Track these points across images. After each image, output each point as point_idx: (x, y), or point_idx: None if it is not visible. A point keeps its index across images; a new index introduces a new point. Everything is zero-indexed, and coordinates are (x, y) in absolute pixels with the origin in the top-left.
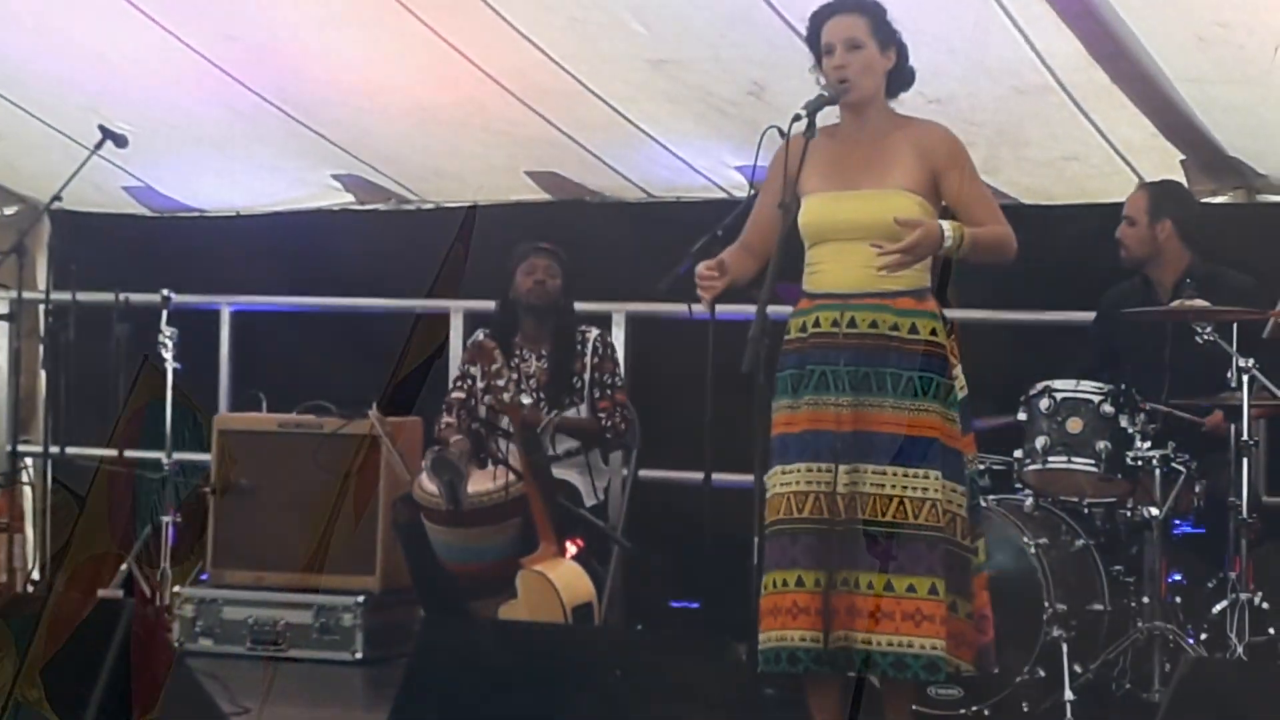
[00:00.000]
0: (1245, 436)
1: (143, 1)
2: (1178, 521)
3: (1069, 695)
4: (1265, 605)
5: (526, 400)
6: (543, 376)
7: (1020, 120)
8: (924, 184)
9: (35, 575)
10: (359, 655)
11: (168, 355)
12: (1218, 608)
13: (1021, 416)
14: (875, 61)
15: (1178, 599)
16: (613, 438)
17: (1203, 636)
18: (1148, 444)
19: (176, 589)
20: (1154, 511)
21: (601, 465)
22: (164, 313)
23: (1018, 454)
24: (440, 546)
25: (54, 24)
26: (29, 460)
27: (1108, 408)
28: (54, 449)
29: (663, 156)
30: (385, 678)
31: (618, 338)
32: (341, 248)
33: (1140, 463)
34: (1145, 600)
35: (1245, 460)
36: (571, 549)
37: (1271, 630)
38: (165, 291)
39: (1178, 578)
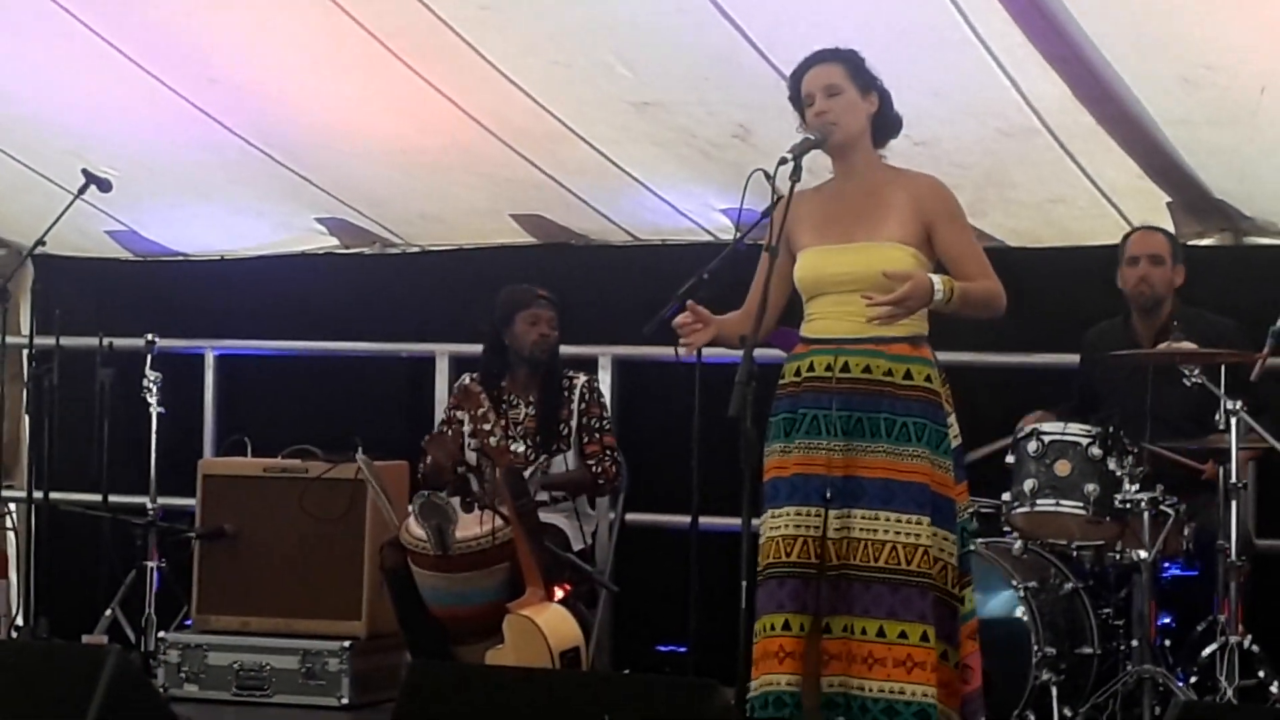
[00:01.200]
0: (1234, 479)
1: (126, 45)
2: (1167, 564)
3: None
4: (1255, 648)
5: (516, 447)
6: (530, 423)
7: (1006, 163)
8: (917, 236)
9: (19, 621)
10: (345, 700)
11: (152, 400)
12: (1207, 651)
13: (1010, 459)
14: (856, 104)
15: (1167, 642)
16: (604, 483)
17: (1192, 679)
18: (1136, 486)
19: (161, 634)
20: (1143, 554)
21: (589, 510)
22: (148, 357)
23: (1006, 497)
24: (427, 591)
25: (37, 68)
26: (12, 506)
27: (1096, 450)
28: (38, 494)
29: (648, 199)
30: None
31: (604, 381)
32: (326, 291)
33: (1129, 505)
34: (1134, 643)
35: (1234, 503)
36: (559, 593)
37: (1261, 674)
38: (149, 336)
39: (1167, 620)
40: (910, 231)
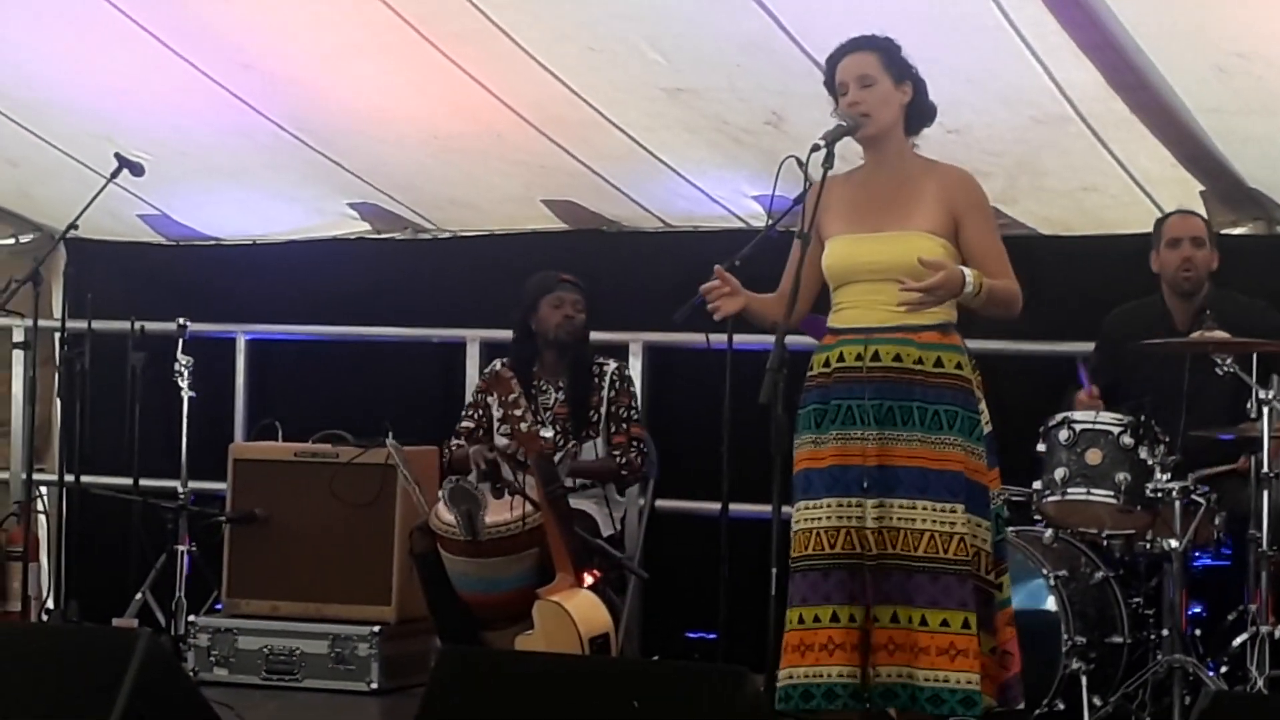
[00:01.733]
0: (1265, 468)
1: (160, 30)
2: (1198, 553)
3: None
4: None
5: (545, 433)
6: (561, 409)
7: (1039, 150)
8: (946, 227)
9: (50, 604)
10: (374, 685)
11: (183, 384)
12: (1238, 640)
13: (1040, 448)
14: (890, 95)
15: (1197, 631)
16: (629, 474)
17: (1223, 669)
18: (1167, 476)
19: (191, 618)
20: (1174, 544)
21: (618, 496)
22: (180, 341)
23: (1036, 485)
24: (457, 576)
25: (71, 52)
26: (44, 489)
27: (1127, 439)
28: (69, 478)
29: (680, 186)
30: (400, 708)
31: (635, 368)
32: (357, 276)
33: (1160, 494)
34: (1165, 633)
35: (1265, 492)
36: (589, 579)
37: None
38: (181, 320)
39: (1198, 610)
40: (940, 222)
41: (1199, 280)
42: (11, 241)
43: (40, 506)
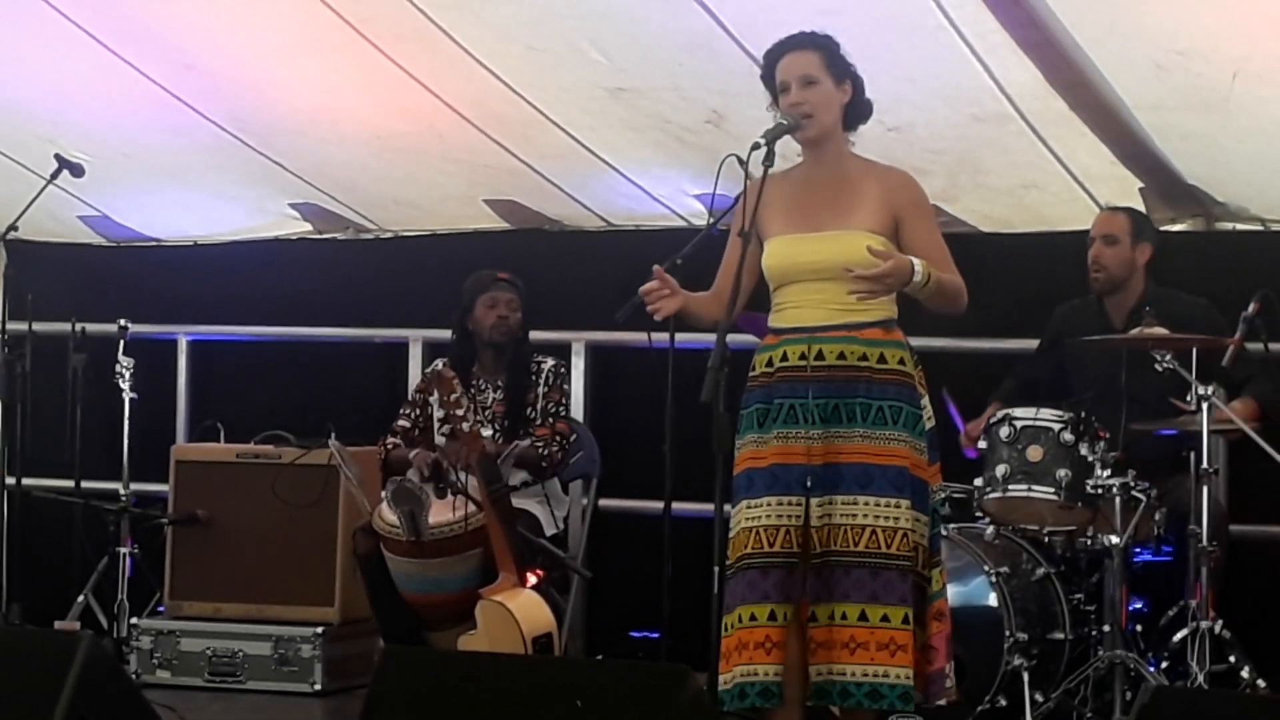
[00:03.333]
0: (1205, 464)
1: (100, 32)
2: (1138, 549)
3: None
4: (1226, 634)
5: (485, 432)
6: (498, 408)
7: (979, 148)
8: (887, 226)
9: None
10: (318, 686)
11: (125, 385)
12: (1179, 636)
13: (982, 445)
14: (831, 96)
15: (1139, 627)
16: (547, 466)
17: (1164, 665)
18: (1108, 472)
19: (134, 620)
20: (1114, 540)
21: (561, 495)
22: (121, 342)
23: (978, 482)
24: (400, 577)
25: (11, 54)
26: None
27: (1068, 435)
28: (10, 480)
29: (622, 185)
30: (344, 709)
31: (577, 367)
32: (299, 277)
33: (1100, 490)
34: (1106, 629)
35: (1205, 488)
36: (531, 579)
37: (1232, 659)
38: (122, 321)
39: (1139, 606)
40: (880, 221)
41: (1108, 280)
42: None
43: None
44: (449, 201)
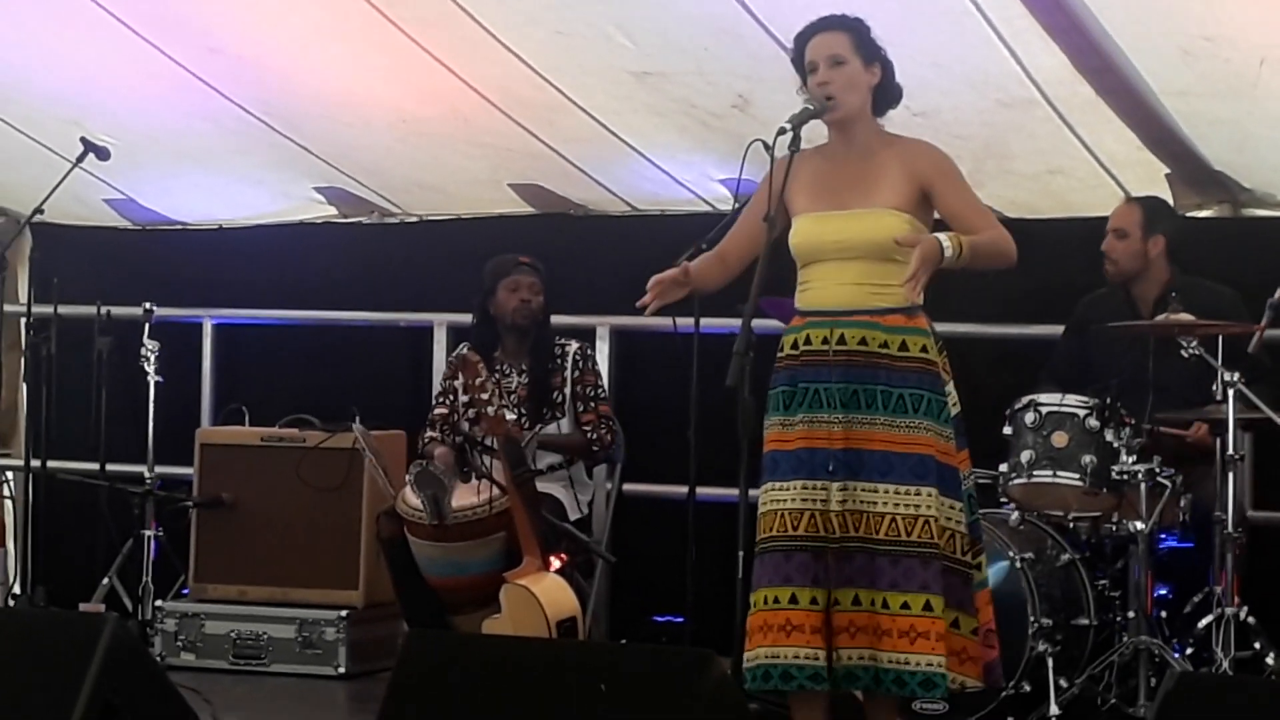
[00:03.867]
0: (1230, 451)
1: (126, 15)
2: (1163, 536)
3: (1054, 710)
4: (1251, 620)
5: (510, 416)
6: (523, 391)
7: (1005, 134)
8: (912, 202)
9: (16, 589)
10: (342, 670)
11: (150, 369)
12: (1203, 622)
13: (1007, 431)
14: (859, 77)
15: (1163, 613)
16: (599, 450)
17: (1188, 651)
18: (1133, 458)
19: (158, 603)
20: (1139, 526)
21: (585, 479)
22: (146, 326)
23: (1003, 468)
24: (424, 561)
25: (37, 38)
26: (10, 474)
27: (1093, 422)
28: (35, 463)
29: (647, 169)
30: (368, 692)
31: (602, 351)
32: (324, 261)
33: (1126, 476)
34: (1131, 615)
35: (1231, 474)
36: (555, 563)
37: (1257, 645)
38: (147, 304)
39: (1163, 592)
40: (904, 196)
41: (1118, 272)
42: None
43: (7, 492)
44: (474, 186)
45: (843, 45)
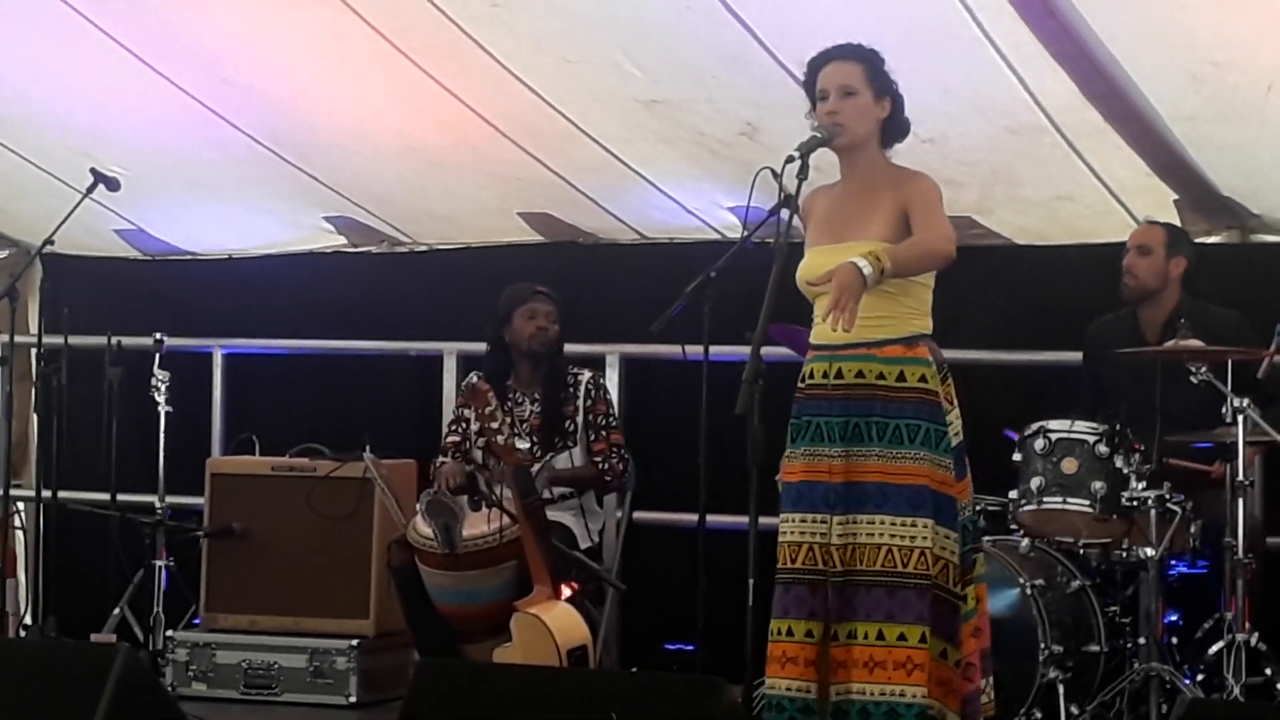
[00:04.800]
0: (1240, 477)
1: (136, 45)
2: (1174, 562)
3: None
4: (1262, 646)
5: (521, 444)
6: (535, 420)
7: (1014, 160)
8: (899, 231)
9: (28, 620)
10: (353, 699)
11: (160, 398)
12: (1214, 648)
13: (1016, 457)
14: (869, 109)
15: (1174, 640)
16: (611, 479)
17: (1199, 677)
18: (1143, 484)
19: (170, 633)
20: (1150, 552)
21: (596, 508)
22: (157, 356)
23: (1013, 495)
24: (435, 589)
25: (47, 68)
26: (21, 505)
27: (1103, 448)
28: (46, 493)
29: (656, 198)
30: None
31: (611, 380)
32: (334, 290)
33: (1136, 503)
34: (1141, 641)
35: (1240, 500)
36: (566, 591)
37: (1268, 671)
38: (158, 335)
39: (1174, 618)
40: (894, 226)
41: (1138, 288)
42: None
43: (18, 523)
44: (483, 215)
45: (855, 76)
